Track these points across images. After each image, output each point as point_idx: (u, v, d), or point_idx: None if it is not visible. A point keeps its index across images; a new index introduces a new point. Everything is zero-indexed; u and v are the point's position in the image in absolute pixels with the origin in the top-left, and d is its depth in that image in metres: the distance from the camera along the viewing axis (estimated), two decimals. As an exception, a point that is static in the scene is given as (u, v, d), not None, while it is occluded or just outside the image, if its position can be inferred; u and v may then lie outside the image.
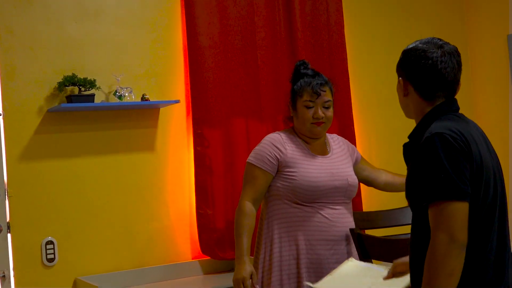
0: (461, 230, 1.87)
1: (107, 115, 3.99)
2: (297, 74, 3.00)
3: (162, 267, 4.05)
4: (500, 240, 1.99)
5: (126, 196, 4.01)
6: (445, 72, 2.06)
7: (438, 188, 1.89)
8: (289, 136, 2.99)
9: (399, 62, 2.19)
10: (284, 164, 2.89)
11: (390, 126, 4.88)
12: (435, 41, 2.11)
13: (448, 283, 1.86)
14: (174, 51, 4.20)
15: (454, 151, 1.91)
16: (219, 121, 4.17)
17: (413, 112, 2.16)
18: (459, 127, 1.99)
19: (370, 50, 4.90)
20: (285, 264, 2.86)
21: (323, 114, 2.92)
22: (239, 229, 2.89)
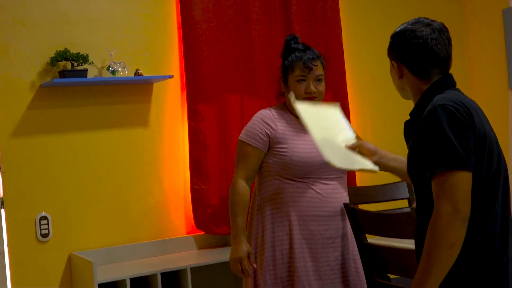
0: (465, 202, 1.87)
1: (100, 90, 3.97)
2: (288, 49, 2.97)
3: (157, 242, 4.06)
4: (504, 211, 2.00)
5: (120, 172, 4.01)
6: (436, 49, 2.07)
7: (442, 158, 1.89)
8: (280, 112, 2.97)
9: (390, 46, 2.19)
10: (275, 141, 2.88)
11: (384, 102, 4.87)
12: (422, 20, 2.12)
13: (449, 254, 1.87)
14: (168, 25, 4.17)
15: (458, 122, 1.91)
16: (213, 96, 4.16)
17: (411, 92, 2.16)
18: (460, 98, 1.99)
19: (365, 26, 4.87)
20: (278, 240, 2.86)
21: (315, 88, 2.89)
22: (234, 209, 2.88)
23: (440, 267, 1.87)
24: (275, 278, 2.84)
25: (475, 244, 1.90)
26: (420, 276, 1.90)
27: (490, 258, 1.94)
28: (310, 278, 2.82)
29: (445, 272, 1.88)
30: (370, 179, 4.68)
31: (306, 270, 2.82)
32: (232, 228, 2.88)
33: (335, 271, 2.87)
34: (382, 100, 4.87)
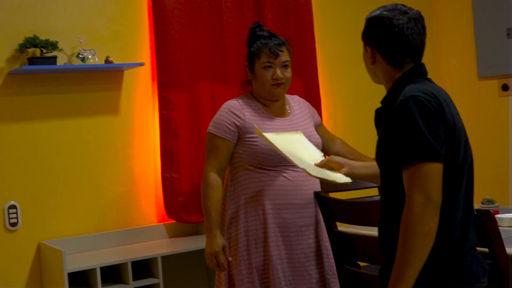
0: (437, 191, 1.90)
1: (70, 77, 3.92)
2: (253, 37, 2.96)
3: (127, 231, 4.04)
4: (466, 202, 2.03)
5: (90, 160, 3.98)
6: (411, 39, 2.07)
7: (414, 149, 1.91)
8: (247, 101, 2.96)
9: (364, 30, 2.18)
10: (245, 131, 2.87)
11: (355, 89, 4.90)
12: (399, 8, 2.11)
13: (425, 243, 1.89)
14: (139, 12, 4.13)
15: (429, 113, 1.93)
16: (184, 84, 4.14)
17: (383, 79, 2.16)
18: (431, 89, 2.01)
19: (336, 13, 4.89)
20: (252, 229, 2.86)
21: (282, 74, 2.89)
22: (207, 202, 2.87)
23: (418, 257, 1.89)
24: (249, 268, 2.84)
25: (437, 233, 1.92)
26: (399, 268, 1.92)
27: (451, 247, 1.98)
28: (285, 266, 2.83)
29: (423, 262, 1.90)
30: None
31: (281, 258, 2.83)
32: (205, 222, 2.87)
33: (309, 258, 2.89)
34: (353, 87, 4.89)
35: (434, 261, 1.96)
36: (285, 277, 2.83)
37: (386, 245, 2.03)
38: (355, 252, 3.01)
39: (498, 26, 4.88)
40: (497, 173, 4.99)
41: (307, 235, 2.90)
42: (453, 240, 1.98)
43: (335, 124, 4.84)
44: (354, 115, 4.89)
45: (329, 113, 4.80)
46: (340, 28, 4.88)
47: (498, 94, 4.98)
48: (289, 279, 2.83)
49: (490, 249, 2.27)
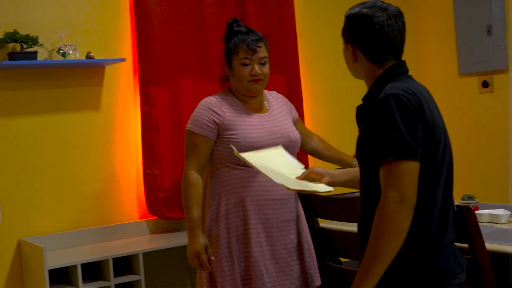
0: (411, 190, 1.91)
1: (51, 73, 3.90)
2: (231, 32, 2.93)
3: (108, 227, 4.03)
4: (445, 199, 2.04)
5: (71, 156, 3.95)
6: (392, 36, 2.06)
7: (391, 147, 1.92)
8: (226, 98, 2.94)
9: (344, 28, 2.16)
10: (224, 128, 2.85)
11: (337, 85, 4.91)
12: (379, 4, 2.11)
13: (396, 241, 1.90)
14: (120, 7, 4.11)
15: (408, 112, 1.94)
16: (166, 80, 4.13)
17: (364, 76, 2.17)
18: (412, 87, 2.00)
19: (318, 8, 4.89)
20: (233, 226, 2.85)
21: (260, 70, 2.87)
22: (188, 201, 2.85)
23: (387, 254, 1.90)
24: (231, 265, 2.83)
25: (413, 230, 1.94)
26: (367, 263, 1.94)
27: (427, 243, 1.99)
28: (267, 262, 2.83)
29: (391, 259, 1.91)
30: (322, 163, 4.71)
31: (263, 255, 2.83)
32: (187, 221, 2.85)
33: (290, 254, 2.89)
34: (335, 83, 4.91)
35: (411, 257, 1.97)
36: (268, 273, 2.83)
37: (365, 241, 2.04)
38: (337, 248, 3.03)
39: (479, 24, 4.92)
40: (477, 169, 5.03)
41: (288, 230, 2.90)
42: (429, 236, 1.99)
43: (317, 120, 4.85)
44: (335, 111, 4.91)
45: (311, 109, 4.81)
46: (322, 24, 4.89)
47: (478, 90, 5.02)
48: (272, 275, 2.83)
49: (470, 245, 2.29)
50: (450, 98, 5.17)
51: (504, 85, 4.85)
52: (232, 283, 2.82)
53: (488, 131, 4.98)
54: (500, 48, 4.81)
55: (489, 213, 3.20)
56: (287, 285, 2.87)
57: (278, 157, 2.67)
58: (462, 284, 2.06)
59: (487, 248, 2.33)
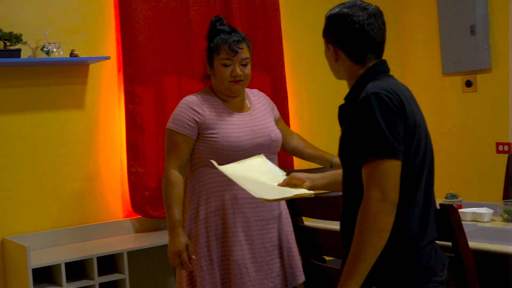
0: (393, 189, 1.92)
1: (34, 71, 3.87)
2: (213, 31, 2.91)
3: (93, 226, 4.01)
4: (426, 198, 2.06)
5: (55, 155, 3.94)
6: (373, 34, 2.08)
7: (373, 146, 1.93)
8: (207, 96, 2.93)
9: (325, 28, 2.18)
10: (204, 127, 2.84)
11: (322, 84, 4.92)
12: (358, 4, 2.13)
13: (379, 239, 1.91)
14: (105, 5, 4.09)
15: (390, 111, 1.95)
16: (150, 78, 4.12)
17: (346, 76, 2.17)
18: (393, 86, 2.02)
19: (304, 7, 4.90)
20: (212, 225, 2.84)
21: (241, 72, 2.85)
22: (168, 200, 2.83)
23: (370, 253, 1.92)
24: (210, 264, 2.83)
25: (394, 228, 1.95)
26: (351, 262, 1.95)
27: (408, 241, 2.00)
28: (246, 262, 2.83)
29: (375, 257, 1.93)
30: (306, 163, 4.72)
31: (242, 254, 2.83)
32: (168, 220, 2.83)
33: (270, 252, 2.89)
34: (320, 82, 4.92)
35: (392, 255, 1.99)
36: (247, 272, 2.82)
37: (348, 239, 2.05)
38: (321, 247, 3.03)
39: (462, 23, 4.95)
40: (461, 168, 5.07)
41: (268, 229, 2.89)
42: (410, 235, 2.01)
43: (302, 119, 4.86)
44: (320, 110, 4.92)
45: (296, 107, 4.82)
46: (307, 23, 4.90)
47: (462, 90, 5.05)
48: (251, 274, 2.83)
49: (453, 243, 2.31)
50: (434, 97, 5.20)
51: (487, 84, 4.88)
52: (212, 282, 2.82)
53: (472, 130, 5.01)
54: (483, 47, 4.84)
55: (472, 211, 3.23)
56: (266, 284, 2.86)
57: (259, 166, 2.67)
58: (443, 281, 2.07)
59: (470, 246, 2.35)
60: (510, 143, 4.76)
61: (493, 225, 3.14)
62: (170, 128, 2.88)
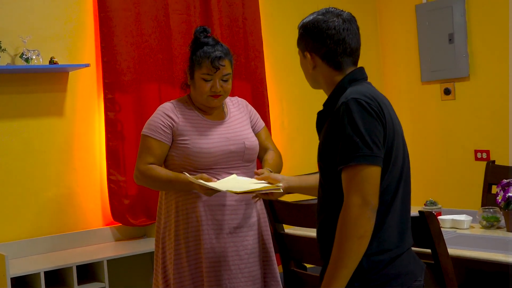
0: (373, 194, 1.92)
1: (13, 78, 3.85)
2: (197, 43, 2.90)
3: (72, 234, 3.99)
4: (403, 204, 2.06)
5: (34, 163, 3.91)
6: (348, 39, 2.10)
7: (353, 152, 1.93)
8: (183, 104, 2.93)
9: (300, 37, 2.20)
10: (178, 133, 2.85)
11: (302, 91, 4.93)
12: (332, 10, 2.15)
13: (359, 245, 1.91)
14: (84, 13, 4.08)
15: (369, 116, 1.95)
16: (130, 86, 4.11)
17: (324, 83, 2.17)
18: (372, 93, 2.02)
19: (284, 15, 4.92)
20: (186, 232, 2.82)
21: (221, 87, 2.85)
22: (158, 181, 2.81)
23: (351, 259, 1.92)
24: (185, 271, 2.82)
25: (372, 235, 1.95)
26: (332, 269, 1.95)
27: (385, 249, 2.00)
28: (220, 269, 2.82)
29: (356, 263, 1.93)
30: (289, 169, 4.73)
31: (216, 260, 2.81)
32: (176, 185, 2.79)
33: (244, 260, 2.87)
34: (300, 90, 4.93)
35: (372, 262, 1.99)
36: (222, 279, 2.81)
37: (326, 247, 2.05)
38: (301, 254, 3.04)
39: (441, 32, 5.00)
40: (440, 175, 5.10)
41: (242, 237, 2.87)
42: (388, 242, 2.01)
43: (282, 126, 4.87)
44: (301, 117, 4.93)
45: (277, 115, 4.83)
46: (288, 31, 4.91)
47: (440, 98, 5.09)
48: (225, 282, 2.82)
49: (432, 250, 2.32)
50: (413, 105, 5.24)
51: (466, 92, 4.93)
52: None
53: (450, 138, 5.05)
54: (461, 56, 4.89)
55: (452, 218, 3.25)
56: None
57: (235, 179, 2.73)
58: (421, 286, 2.08)
59: (449, 253, 2.37)
60: (489, 151, 4.80)
61: (472, 232, 3.17)
62: (144, 134, 2.89)
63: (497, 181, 3.42)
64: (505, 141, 4.69)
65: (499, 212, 3.18)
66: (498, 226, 3.18)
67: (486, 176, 3.95)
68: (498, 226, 3.18)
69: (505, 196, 3.12)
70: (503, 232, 3.09)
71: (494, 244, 2.90)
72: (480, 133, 4.86)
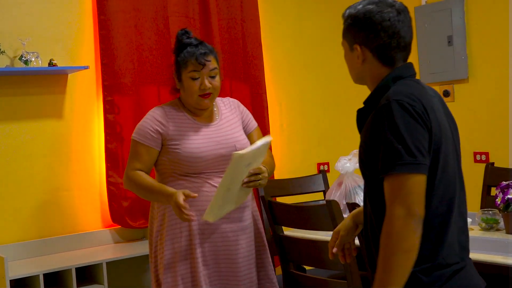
0: (418, 204, 1.77)
1: (13, 80, 3.85)
2: (180, 45, 2.90)
3: (72, 237, 3.98)
4: (460, 212, 1.92)
5: (33, 165, 3.91)
6: (403, 32, 1.94)
7: (394, 160, 1.78)
8: (174, 108, 2.92)
9: (348, 28, 1.99)
10: (168, 138, 2.84)
11: (301, 93, 4.94)
12: (383, 0, 1.95)
13: (406, 259, 1.76)
14: (83, 15, 4.08)
15: (413, 120, 1.80)
16: (130, 88, 4.11)
17: (369, 79, 1.99)
18: (417, 93, 1.86)
19: (283, 17, 4.92)
20: (177, 237, 2.80)
21: (209, 84, 2.83)
22: (142, 189, 2.82)
23: (399, 275, 1.76)
24: (175, 276, 2.79)
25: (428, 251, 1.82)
26: (379, 286, 1.78)
27: (448, 262, 1.86)
28: (211, 273, 2.80)
29: (404, 280, 1.77)
30: (287, 171, 4.74)
31: (207, 265, 2.79)
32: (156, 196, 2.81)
33: (238, 265, 2.83)
34: (299, 92, 4.94)
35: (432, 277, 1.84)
36: (212, 285, 2.79)
37: (372, 257, 1.92)
38: (301, 256, 3.04)
39: (440, 34, 5.00)
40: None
41: (234, 241, 2.84)
42: (451, 255, 1.86)
43: (281, 129, 4.87)
44: (300, 119, 4.93)
45: (276, 118, 4.83)
46: (287, 33, 4.92)
47: (439, 100, 5.09)
48: (217, 287, 2.81)
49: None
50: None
51: (465, 94, 4.93)
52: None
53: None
54: (460, 58, 4.90)
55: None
56: None
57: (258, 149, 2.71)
58: None
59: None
60: (488, 153, 4.81)
61: (471, 234, 3.15)
62: (133, 139, 2.90)
63: (496, 183, 3.41)
64: (504, 143, 4.69)
65: (498, 214, 3.18)
66: (497, 228, 3.18)
67: (485, 178, 3.95)
68: (497, 228, 3.18)
69: (504, 198, 3.12)
70: (502, 234, 3.09)
71: (493, 246, 2.90)
72: (479, 135, 4.86)
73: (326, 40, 5.01)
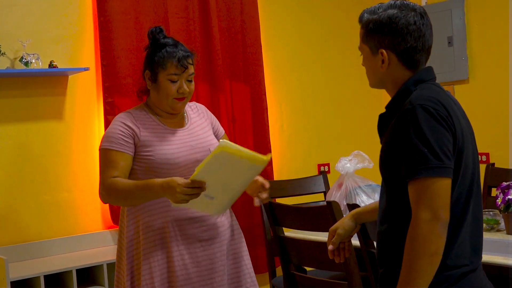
0: (444, 208, 1.79)
1: (13, 82, 3.85)
2: (156, 43, 2.76)
3: (72, 238, 3.99)
4: (474, 215, 1.93)
5: (34, 166, 3.91)
6: (427, 35, 1.97)
7: (421, 163, 1.79)
8: (141, 113, 2.76)
9: (370, 33, 1.98)
10: (139, 145, 2.68)
11: (301, 94, 4.95)
12: (406, 4, 1.97)
13: (431, 263, 1.78)
14: (83, 16, 4.09)
15: (438, 125, 1.81)
16: (130, 89, 4.11)
17: (391, 83, 2.00)
18: (440, 98, 1.87)
19: (283, 18, 4.92)
20: (153, 250, 2.66)
21: (187, 88, 2.71)
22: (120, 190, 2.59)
23: (424, 278, 1.78)
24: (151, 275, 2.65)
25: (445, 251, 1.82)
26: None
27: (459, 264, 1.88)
28: (193, 282, 2.68)
29: (428, 283, 1.79)
30: (287, 172, 4.74)
31: (187, 274, 2.68)
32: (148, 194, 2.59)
33: (220, 273, 2.74)
34: (299, 93, 4.95)
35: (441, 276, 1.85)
36: None
37: (384, 255, 1.94)
38: (301, 257, 3.04)
39: (440, 35, 5.00)
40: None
41: (213, 248, 2.73)
42: (462, 257, 1.88)
43: (282, 130, 4.87)
44: (300, 120, 4.94)
45: (276, 119, 4.83)
46: (287, 34, 4.92)
47: (440, 100, 5.10)
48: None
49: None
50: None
51: (465, 95, 4.93)
52: None
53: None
54: (460, 58, 4.90)
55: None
56: None
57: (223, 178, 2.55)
58: None
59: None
60: (488, 153, 4.81)
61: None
62: (103, 148, 2.70)
63: (497, 183, 3.42)
64: (504, 144, 4.69)
65: (498, 215, 3.18)
66: (498, 229, 3.18)
67: (486, 179, 3.95)
68: (498, 228, 3.18)
69: (505, 198, 3.12)
70: (502, 235, 3.09)
71: (493, 246, 2.89)
72: (479, 135, 4.79)
73: (326, 40, 5.02)
